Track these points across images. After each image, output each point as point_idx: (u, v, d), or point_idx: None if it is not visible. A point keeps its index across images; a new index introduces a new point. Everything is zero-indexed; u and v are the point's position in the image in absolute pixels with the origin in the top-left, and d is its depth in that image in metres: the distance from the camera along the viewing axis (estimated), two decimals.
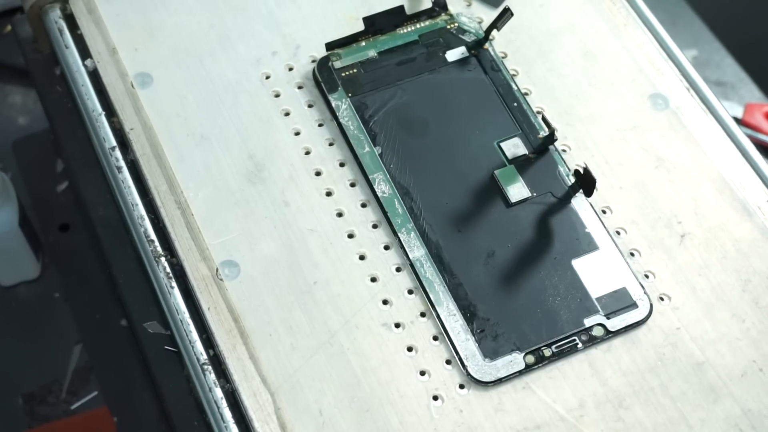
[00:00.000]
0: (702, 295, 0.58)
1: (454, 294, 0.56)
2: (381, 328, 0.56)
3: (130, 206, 0.59)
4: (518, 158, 0.61)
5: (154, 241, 0.57)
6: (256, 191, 0.59)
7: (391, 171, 0.60)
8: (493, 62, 0.64)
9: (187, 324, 0.55)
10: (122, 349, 0.66)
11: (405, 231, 0.58)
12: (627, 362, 0.56)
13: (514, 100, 0.63)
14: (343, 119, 0.61)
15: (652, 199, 0.61)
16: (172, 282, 0.56)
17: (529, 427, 0.53)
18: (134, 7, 0.65)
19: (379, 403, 0.54)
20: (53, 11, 0.65)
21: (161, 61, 0.64)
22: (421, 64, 0.64)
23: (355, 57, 0.64)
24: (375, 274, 0.57)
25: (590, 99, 0.64)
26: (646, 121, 0.64)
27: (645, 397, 0.55)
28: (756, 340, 0.57)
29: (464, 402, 0.54)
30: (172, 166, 0.60)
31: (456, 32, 0.65)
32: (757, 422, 0.54)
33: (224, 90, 0.63)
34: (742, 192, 0.62)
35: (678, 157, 0.63)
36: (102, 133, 0.61)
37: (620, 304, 0.57)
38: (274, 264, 0.57)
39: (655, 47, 0.67)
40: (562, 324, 0.56)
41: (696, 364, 0.56)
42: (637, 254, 0.59)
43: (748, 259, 0.59)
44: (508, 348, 0.55)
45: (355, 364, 0.54)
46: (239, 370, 0.54)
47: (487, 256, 0.57)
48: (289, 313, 0.56)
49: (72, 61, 0.63)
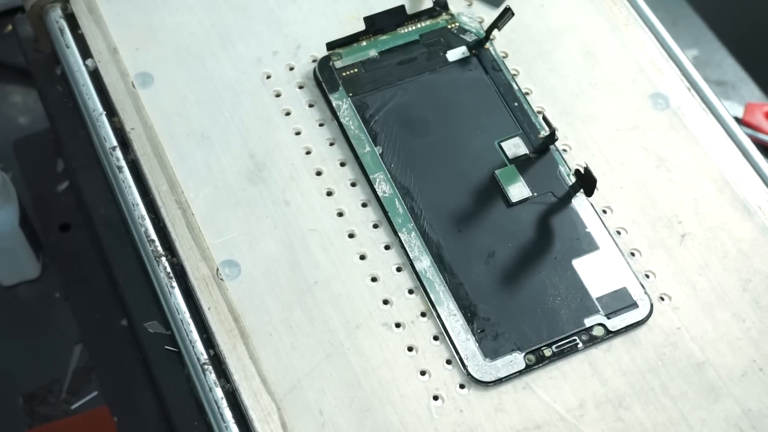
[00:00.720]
0: (702, 294, 0.58)
1: (455, 294, 0.56)
2: (381, 327, 0.56)
3: (130, 206, 0.59)
4: (519, 158, 0.61)
5: (155, 240, 0.57)
6: (256, 191, 0.59)
7: (391, 171, 0.60)
8: (494, 62, 0.64)
9: (188, 324, 0.55)
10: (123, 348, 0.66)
11: (405, 231, 0.58)
12: (627, 362, 0.56)
13: (515, 100, 0.63)
14: (343, 119, 0.61)
15: (653, 198, 0.61)
16: (173, 282, 0.56)
17: (529, 427, 0.53)
18: (135, 7, 0.65)
19: (380, 403, 0.54)
20: (54, 11, 0.65)
21: (162, 60, 0.64)
22: (421, 63, 0.64)
23: (356, 57, 0.64)
24: (375, 274, 0.57)
25: (591, 99, 0.64)
26: (646, 121, 0.64)
27: (645, 397, 0.55)
28: (756, 339, 0.57)
29: (464, 402, 0.54)
30: (172, 166, 0.60)
31: (457, 32, 0.65)
32: (757, 422, 0.54)
33: (225, 89, 0.63)
34: (742, 192, 0.62)
35: (678, 157, 0.63)
36: (103, 132, 0.61)
37: (621, 304, 0.57)
38: (274, 264, 0.57)
39: (655, 47, 0.67)
40: (563, 324, 0.56)
41: (696, 364, 0.56)
42: (637, 254, 0.59)
43: (748, 258, 0.59)
44: (509, 348, 0.55)
45: (356, 364, 0.54)
46: (239, 369, 0.54)
47: (488, 255, 0.57)
48: (290, 313, 0.56)
49: (73, 61, 0.63)
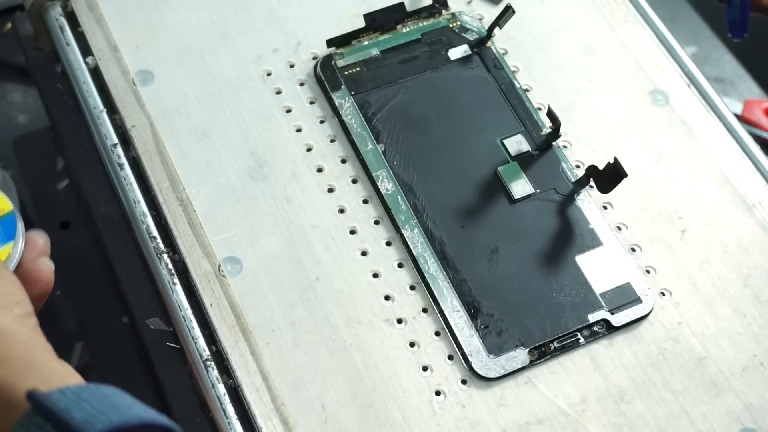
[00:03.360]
0: (703, 290, 0.58)
1: (458, 290, 0.56)
2: (383, 323, 0.56)
3: (132, 203, 0.59)
4: (521, 155, 0.61)
5: (156, 237, 0.57)
6: (258, 188, 0.60)
7: (394, 168, 0.60)
8: (495, 60, 0.64)
9: (190, 320, 0.55)
10: (124, 346, 0.66)
11: (409, 227, 0.58)
12: (629, 357, 0.56)
13: (517, 98, 0.63)
14: (346, 117, 0.61)
15: (653, 194, 0.61)
16: (175, 279, 0.56)
17: (531, 421, 0.54)
18: (135, 4, 0.65)
19: (382, 399, 0.54)
20: (54, 9, 0.65)
21: (162, 58, 0.64)
22: (423, 62, 0.64)
23: (358, 55, 0.64)
24: (377, 270, 0.57)
25: (591, 95, 0.65)
26: (646, 117, 0.64)
27: (647, 392, 0.55)
28: (757, 334, 0.57)
29: (466, 397, 0.54)
30: (173, 163, 0.60)
31: (458, 30, 0.65)
32: (758, 416, 0.55)
33: (225, 87, 0.63)
34: (742, 187, 0.62)
35: (678, 153, 0.63)
36: (103, 130, 0.61)
37: (624, 300, 0.57)
38: (276, 260, 0.57)
39: (655, 44, 0.67)
40: (567, 320, 0.56)
41: (697, 359, 0.56)
42: (638, 249, 0.59)
43: (748, 254, 0.59)
44: (513, 344, 0.55)
45: (358, 360, 0.55)
46: (242, 366, 0.54)
47: (491, 252, 0.58)
48: (292, 309, 0.56)
49: (73, 59, 0.63)
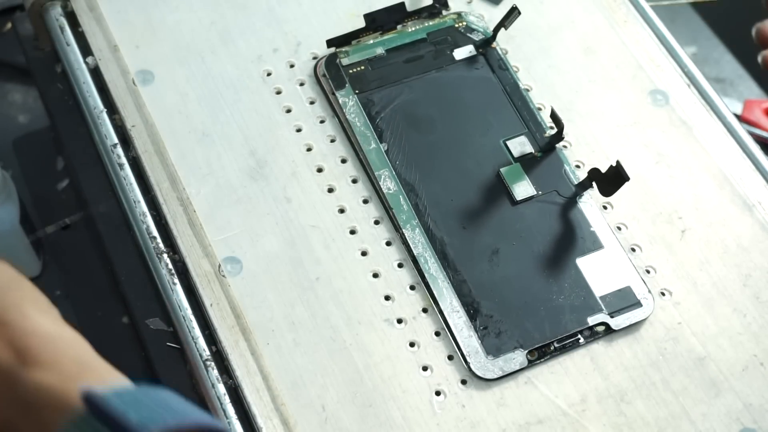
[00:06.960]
0: (703, 290, 0.58)
1: (458, 290, 0.56)
2: (383, 323, 0.56)
3: (132, 203, 0.59)
4: (524, 156, 0.61)
5: (156, 237, 0.57)
6: (258, 188, 0.60)
7: (396, 168, 0.60)
8: (500, 61, 0.64)
9: (190, 320, 0.55)
10: (124, 346, 0.66)
11: (410, 227, 0.58)
12: (629, 357, 0.56)
13: (521, 99, 0.63)
14: (349, 115, 0.61)
15: (653, 194, 0.61)
16: (175, 278, 0.56)
17: (531, 421, 0.54)
18: (135, 4, 0.65)
19: (382, 399, 0.54)
20: (54, 9, 0.65)
21: (163, 58, 0.64)
22: (428, 61, 0.64)
23: (363, 54, 0.64)
24: (377, 270, 0.57)
25: (591, 95, 0.65)
26: (646, 117, 0.64)
27: (647, 392, 0.55)
28: (757, 334, 0.57)
29: (466, 397, 0.54)
30: (174, 163, 0.60)
31: (464, 31, 0.65)
32: (758, 416, 0.55)
33: (225, 87, 0.63)
34: (742, 187, 0.62)
35: (678, 153, 0.63)
36: (103, 130, 0.61)
37: (624, 303, 0.57)
38: (276, 260, 0.57)
39: (654, 43, 0.67)
40: (566, 322, 0.56)
41: (697, 359, 0.56)
42: (638, 250, 0.59)
43: (748, 254, 0.59)
44: (511, 345, 0.55)
45: (358, 360, 0.55)
46: (242, 366, 0.54)
47: (492, 253, 0.58)
48: (292, 309, 0.56)
49: (73, 59, 0.63)
